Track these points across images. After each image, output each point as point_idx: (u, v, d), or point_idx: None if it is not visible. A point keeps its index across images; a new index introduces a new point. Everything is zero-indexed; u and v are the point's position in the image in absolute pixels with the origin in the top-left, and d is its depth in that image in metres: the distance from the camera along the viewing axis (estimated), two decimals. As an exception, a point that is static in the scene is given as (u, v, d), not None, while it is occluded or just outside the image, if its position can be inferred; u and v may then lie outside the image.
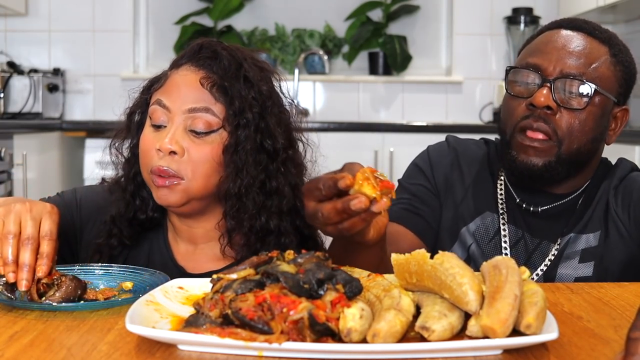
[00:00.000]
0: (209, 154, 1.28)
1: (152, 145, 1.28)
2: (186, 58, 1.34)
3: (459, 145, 1.55)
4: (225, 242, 1.33)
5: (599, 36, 1.38)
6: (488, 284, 0.84)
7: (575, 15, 4.08)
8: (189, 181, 1.27)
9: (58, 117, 4.31)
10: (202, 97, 1.29)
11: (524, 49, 1.45)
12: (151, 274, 1.15)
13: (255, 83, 1.32)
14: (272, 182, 1.31)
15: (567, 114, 1.34)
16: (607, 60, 1.37)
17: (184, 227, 1.37)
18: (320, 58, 4.50)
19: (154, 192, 1.30)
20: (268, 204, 1.31)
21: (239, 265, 0.89)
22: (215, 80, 1.29)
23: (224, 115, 1.29)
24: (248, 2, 4.57)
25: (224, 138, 1.29)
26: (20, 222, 1.07)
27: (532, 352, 0.82)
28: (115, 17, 4.47)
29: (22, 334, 0.89)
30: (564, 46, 1.37)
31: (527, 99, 1.36)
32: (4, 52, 4.37)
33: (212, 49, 1.33)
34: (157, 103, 1.30)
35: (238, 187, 1.28)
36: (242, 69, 1.32)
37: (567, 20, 1.43)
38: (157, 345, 0.83)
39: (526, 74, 1.38)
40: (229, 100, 1.29)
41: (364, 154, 3.90)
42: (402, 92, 4.50)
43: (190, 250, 1.38)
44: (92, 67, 4.49)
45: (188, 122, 1.28)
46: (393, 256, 0.93)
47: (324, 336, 0.80)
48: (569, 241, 1.40)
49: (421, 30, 4.57)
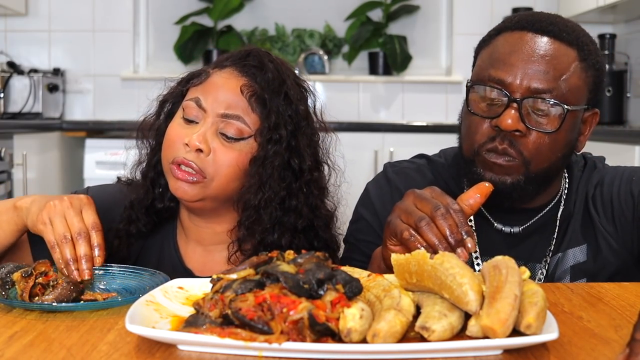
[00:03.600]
0: (235, 159, 1.28)
1: (180, 137, 1.29)
2: (231, 61, 1.34)
3: (399, 178, 1.43)
4: (235, 250, 1.33)
5: (566, 38, 1.26)
6: (488, 284, 0.84)
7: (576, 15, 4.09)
8: (210, 181, 1.28)
9: (58, 117, 4.31)
10: (238, 103, 1.29)
11: (483, 53, 1.33)
12: (151, 274, 1.15)
13: (294, 101, 1.33)
14: (292, 200, 1.32)
15: (537, 135, 1.24)
16: (577, 67, 1.26)
17: (192, 226, 1.37)
18: (320, 58, 4.50)
19: (171, 183, 1.30)
20: (284, 221, 1.31)
21: (239, 266, 0.89)
22: (255, 90, 1.30)
23: (257, 127, 1.30)
24: (248, 2, 4.57)
25: (253, 148, 1.30)
26: (66, 220, 1.13)
27: (532, 352, 0.82)
28: (115, 17, 4.47)
29: (22, 334, 0.89)
30: (530, 57, 1.24)
31: (492, 119, 1.25)
32: (4, 52, 4.37)
33: (260, 58, 1.33)
34: (193, 100, 1.31)
35: (258, 200, 1.29)
36: (284, 85, 1.32)
37: (531, 22, 1.29)
38: (157, 345, 0.83)
39: (490, 91, 1.26)
40: (265, 113, 1.30)
41: (364, 154, 3.90)
42: (402, 92, 4.50)
43: (198, 251, 1.38)
44: (92, 67, 4.49)
45: (220, 125, 1.29)
46: (393, 256, 0.93)
47: (324, 336, 0.80)
48: (558, 261, 1.34)
49: (421, 30, 4.57)
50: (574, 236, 1.34)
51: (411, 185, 1.21)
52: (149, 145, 1.39)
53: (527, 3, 4.35)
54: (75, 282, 1.08)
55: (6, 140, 3.37)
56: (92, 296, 1.07)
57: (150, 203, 1.37)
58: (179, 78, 1.39)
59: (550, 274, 1.34)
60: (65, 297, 1.04)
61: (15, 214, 1.23)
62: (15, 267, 1.09)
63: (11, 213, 1.23)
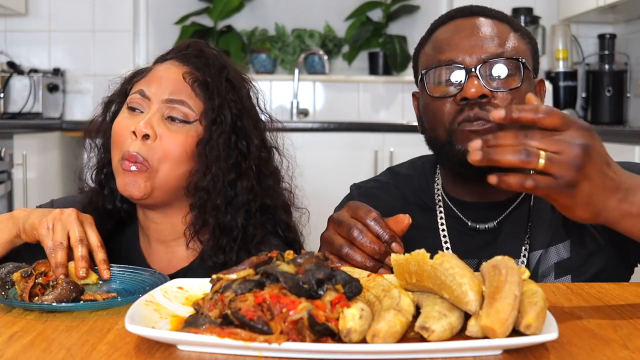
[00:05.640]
0: (182, 143, 1.29)
1: (127, 127, 1.30)
2: (172, 54, 1.38)
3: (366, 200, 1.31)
4: (190, 235, 1.33)
5: (496, 15, 1.33)
6: (488, 284, 0.84)
7: (576, 15, 4.09)
8: (155, 169, 1.28)
9: (58, 117, 4.31)
10: (182, 89, 1.31)
11: (422, 53, 1.37)
12: (151, 274, 1.15)
13: (236, 85, 1.36)
14: (242, 180, 1.33)
15: (502, 97, 1.26)
16: (514, 36, 1.31)
17: (151, 224, 1.37)
18: (320, 58, 4.50)
19: (118, 181, 1.30)
20: (236, 201, 1.32)
21: (239, 266, 0.89)
22: (197, 77, 1.33)
23: (201, 111, 1.31)
24: (248, 2, 4.57)
25: (199, 132, 1.31)
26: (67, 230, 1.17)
27: (532, 352, 0.82)
28: (115, 17, 4.47)
29: (21, 334, 0.89)
30: (471, 34, 1.29)
31: (455, 96, 1.27)
32: (4, 52, 4.38)
33: (199, 47, 1.37)
34: (137, 92, 1.32)
35: (207, 181, 1.30)
36: (225, 70, 1.35)
37: (459, 10, 1.35)
38: (157, 345, 0.83)
39: (446, 71, 1.28)
40: (208, 96, 1.32)
41: (364, 154, 3.90)
42: (402, 92, 4.50)
43: (161, 250, 1.38)
44: (92, 67, 4.49)
45: (165, 111, 1.30)
46: (393, 256, 0.93)
47: (324, 336, 0.80)
48: (540, 258, 1.32)
49: (421, 30, 4.49)
50: (556, 233, 1.33)
51: (377, 205, 1.17)
52: (97, 147, 1.41)
53: (527, 3, 4.35)
54: (75, 282, 1.08)
55: (6, 140, 3.37)
56: (92, 296, 1.07)
57: (101, 204, 1.38)
58: (122, 78, 1.41)
59: (533, 270, 1.31)
60: (64, 297, 1.04)
61: (11, 222, 1.24)
62: (15, 267, 1.10)
63: (7, 222, 1.25)
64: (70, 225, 1.17)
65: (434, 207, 1.41)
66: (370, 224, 1.08)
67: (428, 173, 1.46)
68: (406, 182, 1.46)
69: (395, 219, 1.11)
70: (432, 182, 1.44)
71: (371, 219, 1.08)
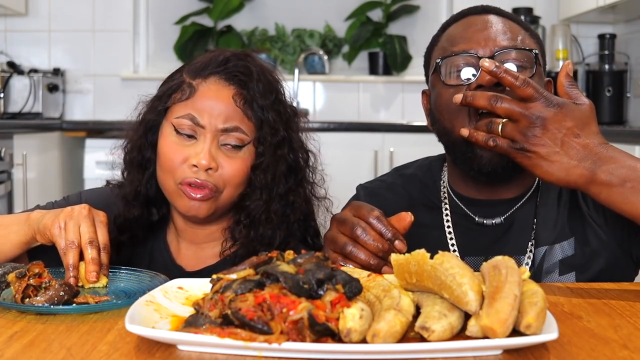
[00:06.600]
0: (240, 168, 1.30)
1: (181, 156, 1.28)
2: (212, 69, 1.32)
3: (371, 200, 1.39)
4: (229, 246, 1.35)
5: (506, 15, 1.35)
6: (488, 284, 0.84)
7: (576, 15, 4.09)
8: (220, 193, 1.29)
9: (58, 117, 4.31)
10: (234, 115, 1.29)
11: (435, 51, 1.38)
12: (151, 276, 1.15)
13: (283, 99, 1.35)
14: (291, 196, 1.34)
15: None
16: (525, 34, 1.33)
17: (188, 229, 1.38)
18: (320, 58, 4.50)
19: (181, 202, 1.29)
20: (281, 216, 1.33)
21: (239, 266, 0.89)
22: (246, 97, 1.30)
23: (252, 131, 1.31)
24: (248, 2, 4.57)
25: (252, 153, 1.31)
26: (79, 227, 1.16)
27: (532, 352, 0.82)
28: (115, 17, 4.47)
29: (21, 334, 0.89)
30: (484, 28, 1.31)
31: (470, 85, 1.26)
32: (4, 52, 4.38)
33: (242, 62, 1.33)
34: (187, 118, 1.29)
35: (258, 199, 1.31)
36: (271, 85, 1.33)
37: (471, 9, 1.37)
38: (157, 345, 0.83)
39: (462, 60, 1.29)
40: (259, 120, 1.30)
41: (364, 154, 3.90)
42: (402, 92, 4.50)
43: (191, 249, 1.39)
44: (92, 67, 4.49)
45: (221, 138, 1.29)
46: (393, 256, 0.93)
47: (324, 336, 0.80)
48: (545, 254, 1.33)
49: (421, 30, 4.57)
50: (562, 231, 1.33)
51: (383, 205, 1.18)
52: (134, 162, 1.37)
53: (527, 3, 4.35)
54: (69, 284, 1.07)
55: (6, 140, 3.37)
56: (84, 299, 1.06)
57: (146, 219, 1.38)
58: (156, 93, 1.37)
59: (537, 267, 1.32)
60: (55, 299, 1.02)
61: (27, 224, 1.23)
62: (12, 268, 1.09)
63: (22, 224, 1.24)
64: (82, 222, 1.16)
65: (439, 205, 1.41)
66: (373, 222, 1.09)
67: (434, 171, 1.46)
68: (412, 181, 1.46)
69: (398, 217, 1.11)
70: (438, 180, 1.44)
71: (374, 217, 1.09)
